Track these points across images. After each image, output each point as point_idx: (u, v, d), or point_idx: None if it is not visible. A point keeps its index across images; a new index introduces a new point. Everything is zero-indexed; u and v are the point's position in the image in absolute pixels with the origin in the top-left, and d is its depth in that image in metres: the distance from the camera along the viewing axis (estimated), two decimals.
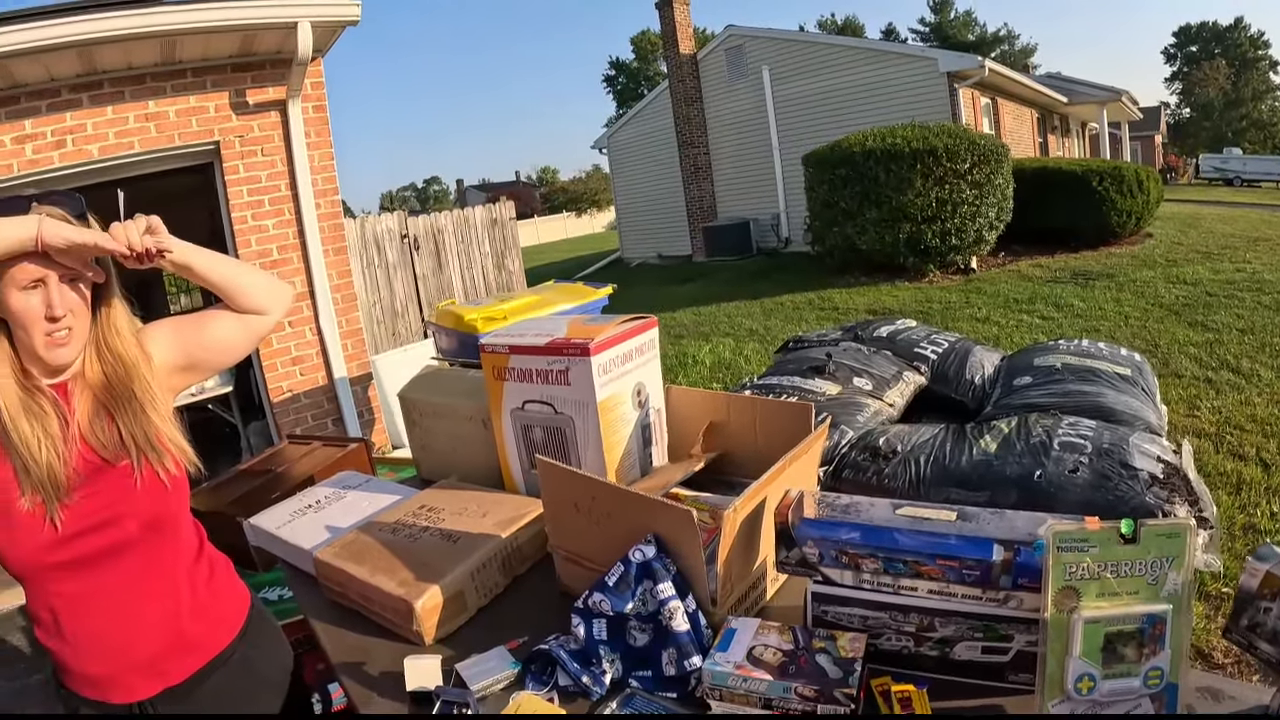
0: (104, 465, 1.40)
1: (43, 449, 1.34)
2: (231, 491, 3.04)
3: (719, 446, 1.91)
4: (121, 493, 1.41)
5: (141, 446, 1.43)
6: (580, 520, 1.50)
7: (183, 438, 1.51)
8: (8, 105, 4.63)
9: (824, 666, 1.22)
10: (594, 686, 1.33)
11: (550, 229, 50.18)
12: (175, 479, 1.47)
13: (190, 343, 1.59)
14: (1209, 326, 7.09)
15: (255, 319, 1.60)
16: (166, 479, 1.45)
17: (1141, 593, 1.06)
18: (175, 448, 1.48)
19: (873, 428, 2.90)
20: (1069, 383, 2.99)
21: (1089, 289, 9.10)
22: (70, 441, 1.39)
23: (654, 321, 1.86)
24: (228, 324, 1.59)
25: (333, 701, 3.10)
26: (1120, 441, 2.44)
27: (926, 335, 3.66)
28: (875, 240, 10.98)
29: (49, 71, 4.56)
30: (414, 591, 1.53)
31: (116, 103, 4.90)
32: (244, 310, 1.58)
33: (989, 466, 2.53)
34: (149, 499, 1.43)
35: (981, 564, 1.18)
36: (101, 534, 1.38)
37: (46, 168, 4.76)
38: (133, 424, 1.43)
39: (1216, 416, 5.14)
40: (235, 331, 1.60)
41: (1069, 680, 1.05)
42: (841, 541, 1.28)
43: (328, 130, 5.73)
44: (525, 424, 1.85)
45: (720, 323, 10.58)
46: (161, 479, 1.44)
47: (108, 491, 1.39)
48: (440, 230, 9.21)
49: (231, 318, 1.59)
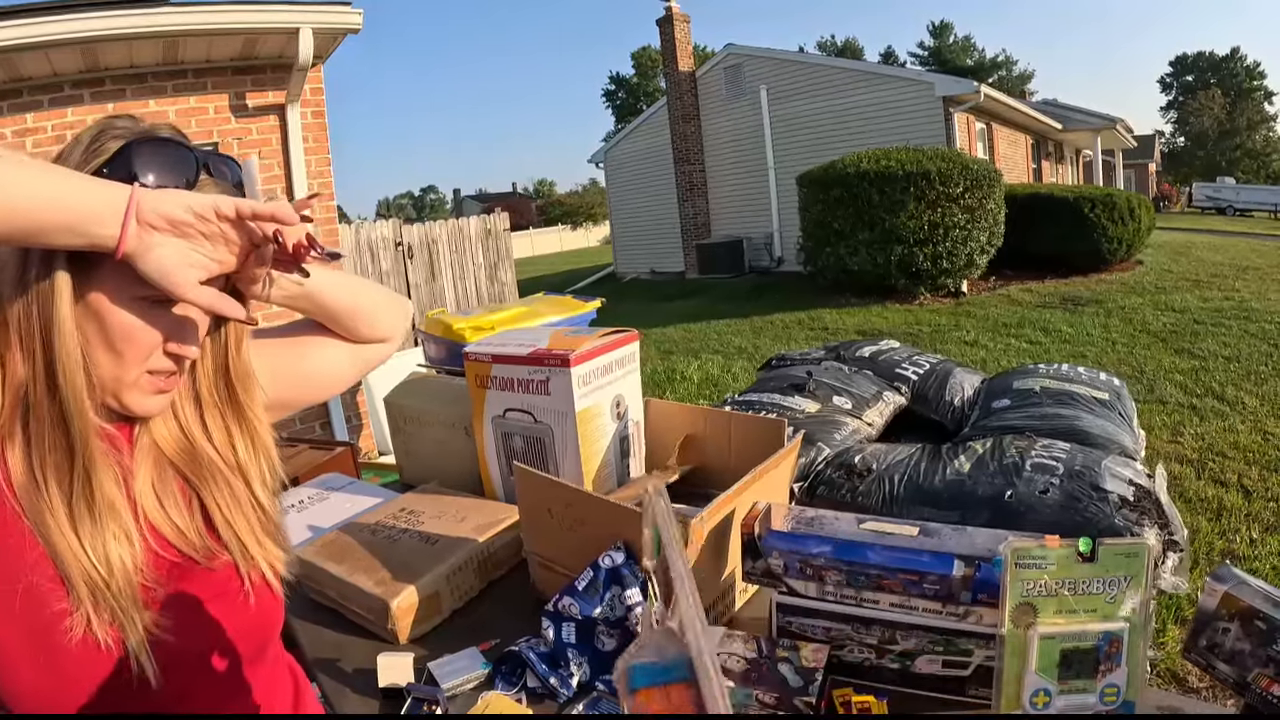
0: (188, 565, 0.93)
1: (111, 538, 0.84)
2: None
3: (694, 460, 1.94)
4: (225, 609, 0.95)
5: (245, 540, 0.97)
6: (554, 526, 1.53)
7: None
8: (10, 99, 4.67)
9: (785, 675, 1.25)
10: (561, 688, 1.36)
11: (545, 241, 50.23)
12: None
13: (288, 376, 1.16)
14: (1195, 354, 7.16)
15: (371, 349, 1.25)
16: (278, 586, 1.03)
17: (1099, 610, 1.08)
18: (281, 535, 1.07)
19: (850, 445, 2.94)
20: (1046, 406, 3.04)
21: (1078, 315, 9.18)
22: (138, 525, 0.88)
23: (635, 335, 1.90)
24: (337, 354, 1.21)
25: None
26: (1093, 464, 2.49)
27: (908, 356, 3.72)
28: (867, 261, 11.04)
29: (53, 66, 4.61)
30: (390, 591, 1.56)
31: (117, 100, 4.95)
32: (364, 340, 1.22)
33: (961, 486, 2.57)
34: (261, 618, 1.01)
35: (942, 579, 1.21)
36: (193, 674, 0.92)
37: None
38: (233, 507, 0.97)
39: (1199, 443, 5.19)
40: (344, 364, 1.23)
41: (1025, 695, 1.08)
42: (807, 554, 1.31)
43: (325, 136, 5.78)
44: (506, 431, 1.88)
45: (710, 340, 10.63)
46: (274, 588, 1.02)
47: (196, 608, 0.92)
48: (434, 240, 9.22)
49: (340, 346, 1.21)
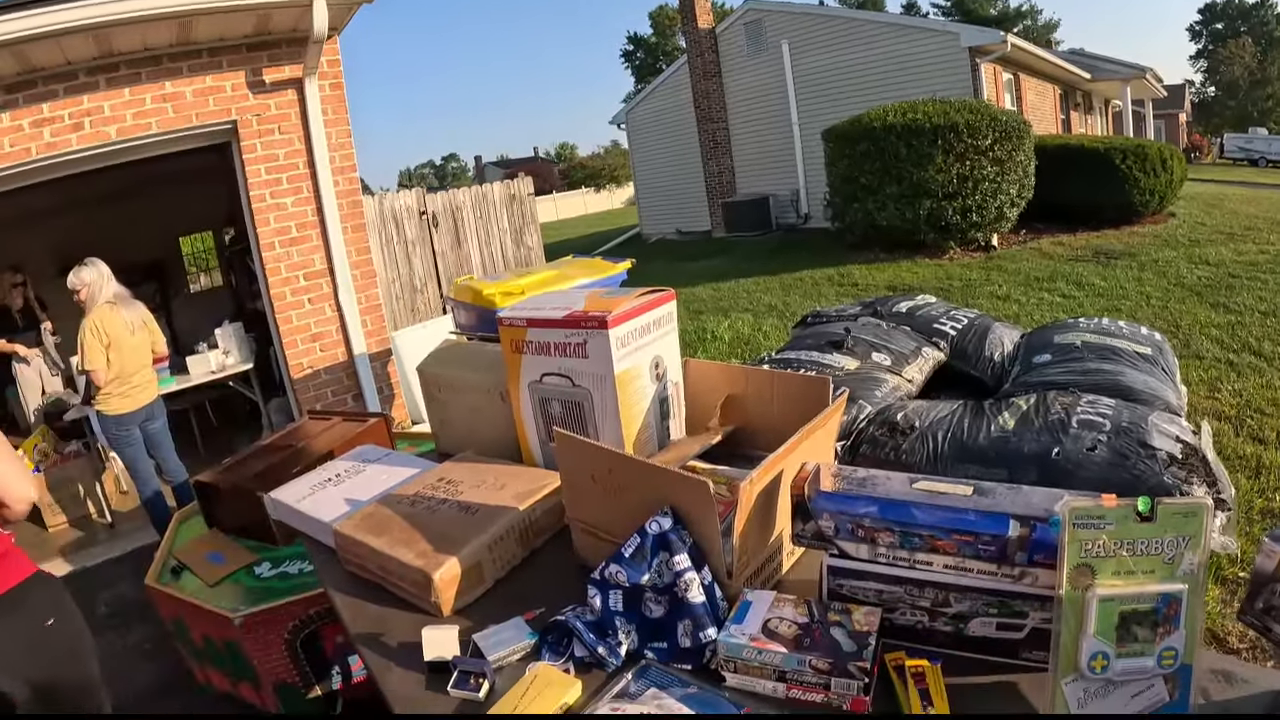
0: None
1: None
2: (252, 467, 3.07)
3: (736, 420, 1.90)
4: None
5: None
6: (597, 492, 1.50)
7: None
8: (25, 90, 4.68)
9: (838, 640, 1.22)
10: (609, 658, 1.34)
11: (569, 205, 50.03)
12: None
13: None
14: (1231, 308, 7.01)
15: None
16: None
17: (1157, 572, 1.05)
18: None
19: (891, 403, 2.89)
20: (1089, 361, 2.97)
21: (1110, 268, 9.01)
22: None
23: (672, 294, 1.86)
24: None
25: (353, 673, 3.15)
26: (1139, 420, 2.43)
27: (945, 311, 3.64)
28: (895, 216, 10.90)
29: (65, 55, 4.60)
30: (432, 563, 1.54)
31: (133, 84, 4.94)
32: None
33: (1006, 443, 2.52)
34: None
35: (997, 539, 1.17)
36: None
37: (64, 150, 4.83)
38: None
39: (1238, 399, 5.10)
40: None
41: (1082, 658, 1.05)
42: (858, 515, 1.27)
43: (344, 107, 5.74)
44: (543, 397, 1.85)
45: (739, 298, 10.56)
46: None
47: None
48: (458, 207, 9.19)
49: None
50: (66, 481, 5.82)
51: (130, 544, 5.36)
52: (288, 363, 5.74)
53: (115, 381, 4.57)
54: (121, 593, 4.73)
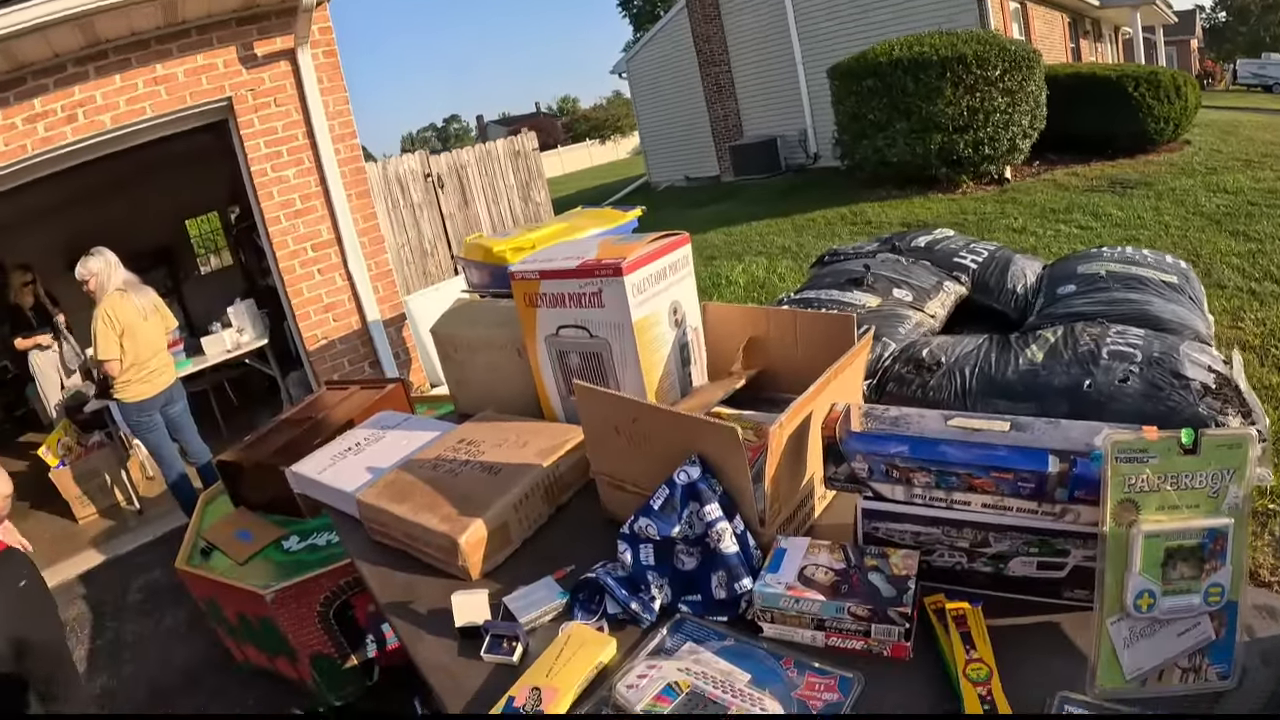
0: None
1: None
2: (273, 442, 3.07)
3: (759, 363, 1.86)
4: None
5: None
6: (621, 444, 1.46)
7: None
8: (15, 87, 4.64)
9: (877, 585, 1.18)
10: (643, 613, 1.31)
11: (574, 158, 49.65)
12: None
13: None
14: (1251, 236, 6.84)
15: None
16: None
17: (1202, 506, 1.00)
18: None
19: (915, 340, 2.84)
20: (1115, 290, 2.91)
21: (1127, 198, 8.83)
22: None
23: (686, 238, 1.80)
24: None
25: (386, 641, 3.16)
26: (1170, 350, 2.38)
27: (965, 245, 3.57)
28: (906, 152, 10.71)
29: (52, 47, 4.54)
30: (458, 527, 1.51)
31: (124, 70, 4.88)
32: None
33: (1036, 377, 2.47)
34: None
35: (1036, 476, 1.13)
36: None
37: (60, 144, 4.80)
38: None
39: (1261, 329, 5.01)
40: None
41: (1128, 597, 1.01)
42: (891, 455, 1.23)
43: (340, 74, 5.66)
44: (561, 350, 1.81)
45: (752, 241, 10.46)
46: None
47: None
48: (463, 166, 9.11)
49: None
50: (92, 473, 5.85)
51: (160, 529, 5.41)
52: (302, 335, 5.73)
53: (133, 368, 4.56)
54: (154, 578, 4.78)
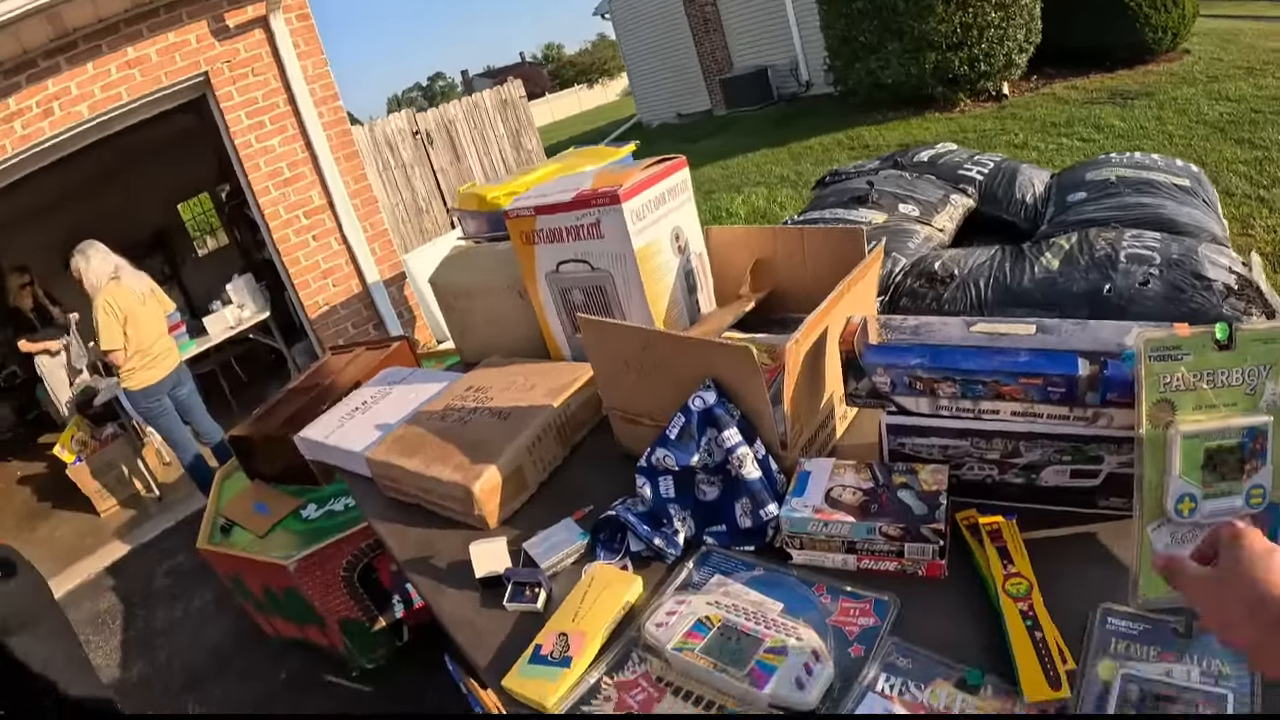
0: None
1: None
2: (281, 413, 3.04)
3: (767, 285, 1.79)
4: None
5: None
6: (632, 376, 1.41)
7: None
8: None
9: (907, 503, 1.14)
10: (667, 548, 1.27)
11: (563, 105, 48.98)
12: None
13: None
14: (1257, 144, 6.72)
15: None
16: None
17: (1239, 404, 0.95)
18: None
19: (925, 254, 2.78)
20: (1126, 195, 2.86)
21: (1128, 109, 8.67)
22: None
23: (683, 161, 1.74)
24: None
25: (413, 600, 3.15)
26: (1189, 252, 2.34)
27: (969, 157, 3.49)
28: (900, 73, 10.54)
29: (20, 43, 4.45)
30: (471, 475, 1.46)
31: (95, 58, 4.78)
32: None
33: (1053, 284, 2.42)
34: None
35: (1066, 380, 1.07)
36: None
37: (39, 140, 4.73)
38: None
39: (1272, 235, 4.97)
40: None
41: (1169, 502, 0.96)
42: (914, 366, 1.17)
43: (316, 37, 5.55)
44: (562, 287, 1.75)
45: (749, 173, 10.37)
46: None
47: None
48: (451, 121, 8.97)
49: None
50: (109, 465, 5.86)
51: (181, 512, 5.45)
52: (303, 303, 5.68)
53: (137, 355, 4.54)
54: (179, 561, 4.81)
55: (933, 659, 0.99)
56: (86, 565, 5.11)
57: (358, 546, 3.03)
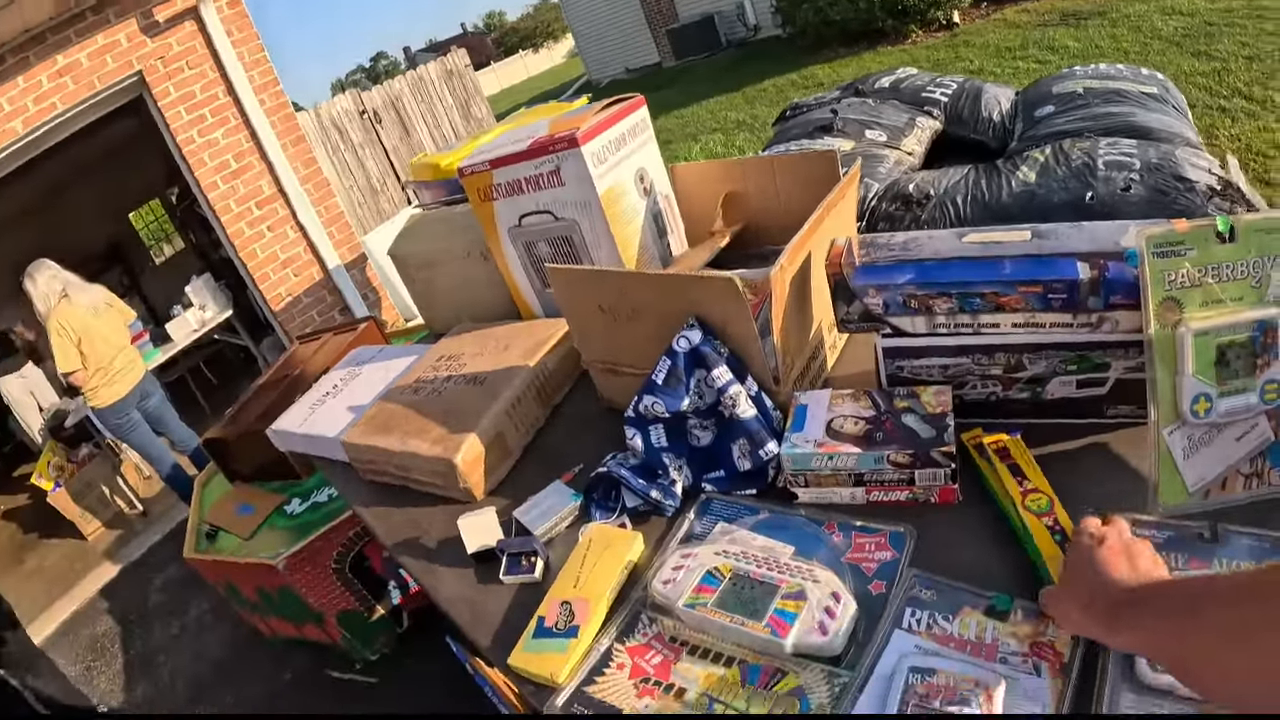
0: None
1: None
2: (254, 410, 2.97)
3: (740, 219, 1.72)
4: None
5: None
6: (610, 324, 1.34)
7: None
8: None
9: (913, 427, 1.09)
10: (665, 500, 1.20)
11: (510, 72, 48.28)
12: None
13: None
14: (1214, 56, 6.71)
15: None
16: None
17: (1246, 298, 0.91)
18: None
19: (897, 177, 2.72)
20: (1095, 106, 2.83)
21: (1081, 28, 8.64)
22: None
23: (641, 100, 1.65)
24: None
25: (408, 584, 3.09)
26: (1167, 156, 2.32)
27: (931, 80, 3.43)
28: (849, 9, 10.52)
29: None
30: (451, 446, 1.39)
31: (24, 70, 4.59)
32: None
33: (1033, 197, 2.38)
34: None
35: (1067, 284, 1.02)
36: None
37: None
38: None
39: (1237, 144, 4.95)
40: None
41: (1184, 403, 0.92)
42: (906, 284, 1.11)
43: (250, 23, 5.37)
44: (527, 241, 1.67)
45: (704, 121, 10.33)
46: None
47: None
48: (397, 97, 8.78)
49: None
50: (88, 487, 5.73)
51: (167, 525, 5.36)
52: (265, 296, 5.55)
53: (98, 373, 4.41)
54: (171, 574, 4.73)
55: (957, 588, 0.94)
56: (79, 591, 5.01)
57: (346, 536, 2.96)
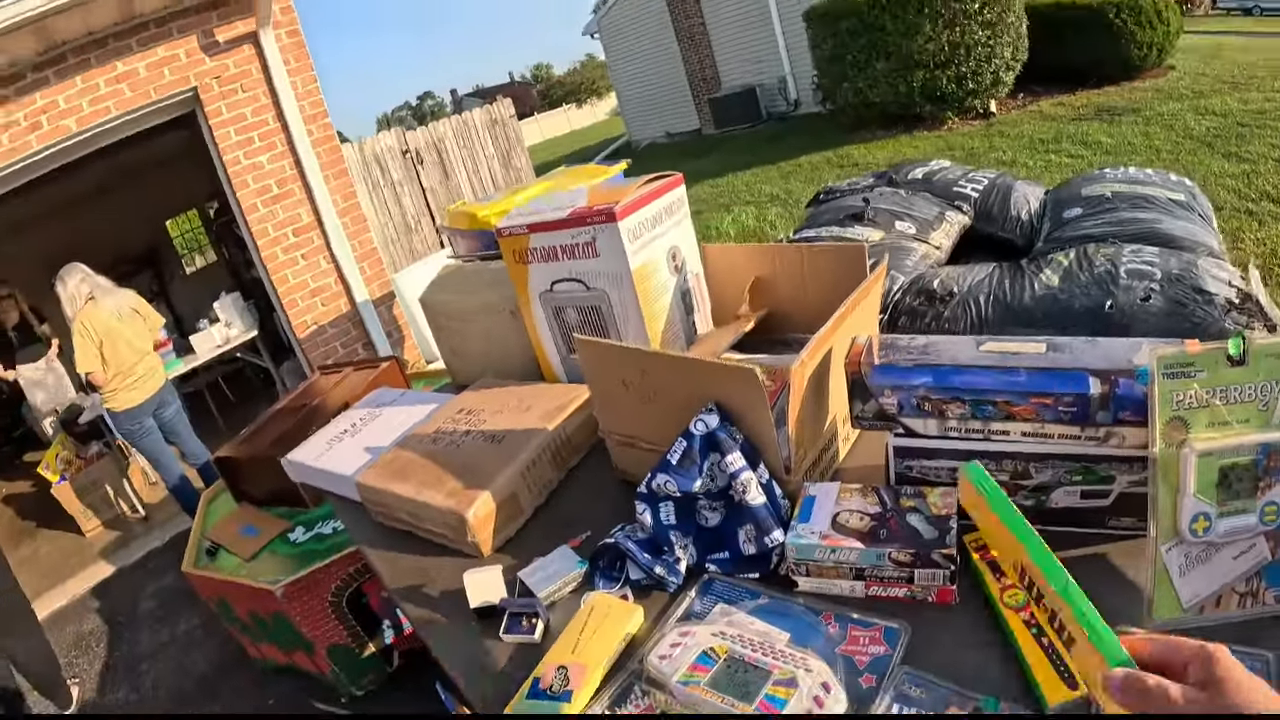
0: None
1: None
2: (269, 434, 2.99)
3: (766, 304, 1.76)
4: None
5: None
6: (630, 399, 1.37)
7: None
8: None
9: (917, 527, 1.10)
10: (669, 576, 1.22)
11: (553, 124, 49.13)
12: None
13: None
14: (1244, 158, 6.76)
15: None
16: None
17: (1252, 420, 0.93)
18: None
19: (923, 271, 2.76)
20: (1122, 211, 2.85)
21: (1115, 124, 8.73)
22: None
23: (680, 178, 1.70)
24: None
25: (403, 625, 3.09)
26: (1189, 267, 2.33)
27: (964, 174, 3.48)
28: (888, 91, 10.64)
29: (8, 55, 4.40)
30: (464, 501, 1.42)
31: (83, 71, 4.73)
32: None
33: (1054, 301, 2.40)
34: None
35: (1079, 399, 1.04)
36: None
37: (26, 153, 4.68)
38: None
39: (1262, 248, 4.96)
40: None
41: (1183, 521, 0.93)
42: (921, 387, 1.14)
43: (306, 54, 5.52)
44: (557, 306, 1.71)
45: (739, 192, 10.39)
46: None
47: None
48: (441, 139, 8.95)
49: None
50: (93, 484, 5.79)
51: (166, 534, 5.39)
52: (291, 322, 5.63)
53: (118, 376, 4.47)
54: (165, 584, 4.75)
55: (947, 688, 0.95)
56: (70, 586, 5.03)
57: (346, 571, 2.97)
